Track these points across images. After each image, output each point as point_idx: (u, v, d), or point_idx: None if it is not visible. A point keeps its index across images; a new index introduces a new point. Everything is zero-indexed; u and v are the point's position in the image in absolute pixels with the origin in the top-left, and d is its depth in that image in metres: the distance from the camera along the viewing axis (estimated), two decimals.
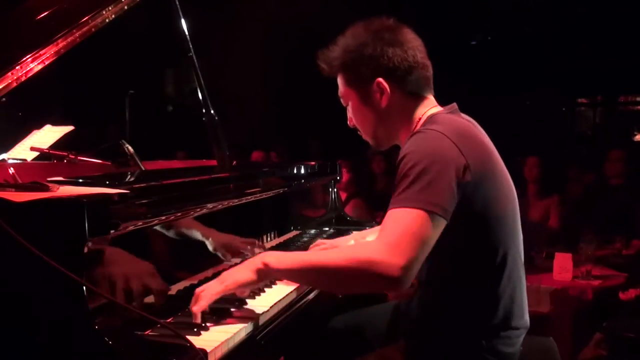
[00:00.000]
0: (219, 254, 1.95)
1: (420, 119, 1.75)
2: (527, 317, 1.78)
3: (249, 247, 2.12)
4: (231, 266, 2.01)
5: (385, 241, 1.49)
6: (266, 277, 1.63)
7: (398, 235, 1.48)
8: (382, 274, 1.46)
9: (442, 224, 1.53)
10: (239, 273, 1.61)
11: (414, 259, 1.47)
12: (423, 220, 1.49)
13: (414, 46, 1.74)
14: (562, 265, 3.79)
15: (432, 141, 1.59)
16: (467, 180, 1.56)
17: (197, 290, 1.59)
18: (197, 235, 1.87)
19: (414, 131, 1.70)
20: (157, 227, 1.66)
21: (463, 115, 1.80)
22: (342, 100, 1.85)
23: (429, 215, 1.50)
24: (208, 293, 1.57)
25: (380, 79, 1.73)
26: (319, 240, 2.32)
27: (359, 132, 1.87)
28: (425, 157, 1.55)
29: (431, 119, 1.71)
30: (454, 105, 1.80)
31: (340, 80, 1.82)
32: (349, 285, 1.64)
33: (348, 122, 1.87)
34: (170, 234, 1.74)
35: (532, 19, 10.03)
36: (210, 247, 1.92)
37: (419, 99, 1.77)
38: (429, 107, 1.77)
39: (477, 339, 1.68)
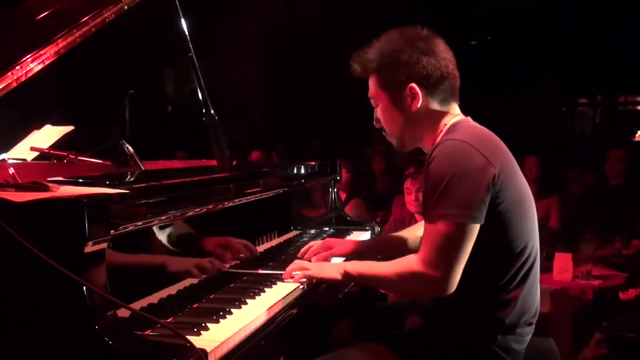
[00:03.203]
0: (215, 255, 1.95)
1: (445, 125, 1.84)
2: (537, 312, 1.83)
3: (244, 249, 2.12)
4: (232, 266, 2.02)
5: (424, 257, 1.69)
6: (346, 280, 1.90)
7: (435, 251, 1.67)
8: (426, 285, 1.71)
9: (476, 228, 1.66)
10: (330, 270, 1.92)
11: (452, 268, 1.65)
12: (456, 231, 1.64)
13: (446, 57, 1.83)
14: (562, 265, 3.79)
15: (456, 151, 1.68)
16: (494, 183, 1.67)
17: (300, 262, 1.99)
18: (197, 235, 1.87)
19: (437, 140, 1.79)
20: (157, 227, 1.66)
21: (478, 125, 1.88)
22: (372, 101, 1.93)
23: (461, 225, 1.64)
24: (307, 273, 1.91)
25: (413, 84, 1.81)
26: (311, 243, 2.30)
27: (384, 133, 1.96)
28: (451, 169, 1.65)
29: (453, 127, 1.81)
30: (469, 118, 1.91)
31: (372, 82, 1.90)
32: (402, 292, 2.11)
33: (374, 123, 1.96)
34: (170, 234, 1.74)
35: (532, 19, 10.04)
36: (206, 249, 1.92)
37: (445, 107, 1.85)
38: (453, 115, 1.86)
39: (493, 334, 1.75)
